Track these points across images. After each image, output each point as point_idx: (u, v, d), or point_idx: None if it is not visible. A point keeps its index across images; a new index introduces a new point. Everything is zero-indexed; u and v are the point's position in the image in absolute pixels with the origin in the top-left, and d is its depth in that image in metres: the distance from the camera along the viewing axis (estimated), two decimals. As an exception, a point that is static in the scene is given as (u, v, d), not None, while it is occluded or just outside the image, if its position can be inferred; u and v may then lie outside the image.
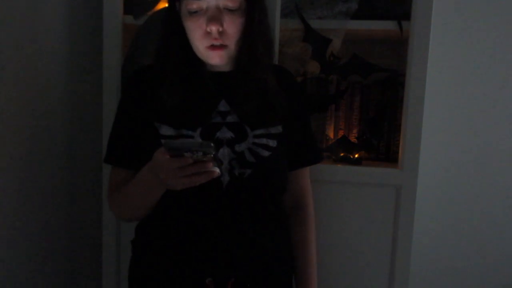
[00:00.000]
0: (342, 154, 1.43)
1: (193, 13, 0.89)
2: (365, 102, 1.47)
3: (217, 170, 0.78)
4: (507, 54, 1.64)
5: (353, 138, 1.47)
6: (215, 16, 0.88)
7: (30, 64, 1.22)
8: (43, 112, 1.28)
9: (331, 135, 1.47)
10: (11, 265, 1.19)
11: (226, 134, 0.94)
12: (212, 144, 0.73)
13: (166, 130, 0.93)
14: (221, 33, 0.89)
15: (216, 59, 0.91)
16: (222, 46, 0.90)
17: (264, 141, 0.96)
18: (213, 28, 0.87)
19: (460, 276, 1.75)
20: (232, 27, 0.89)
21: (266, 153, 0.95)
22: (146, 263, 0.98)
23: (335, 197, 1.33)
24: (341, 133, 1.47)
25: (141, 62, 1.37)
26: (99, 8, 1.37)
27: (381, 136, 1.46)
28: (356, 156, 1.42)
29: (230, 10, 0.89)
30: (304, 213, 1.08)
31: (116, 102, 1.35)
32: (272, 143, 0.96)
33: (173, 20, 0.94)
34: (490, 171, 1.69)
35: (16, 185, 1.19)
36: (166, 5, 1.37)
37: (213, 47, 0.90)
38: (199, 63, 0.95)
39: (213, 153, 0.74)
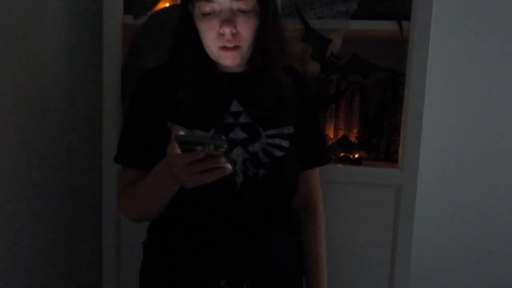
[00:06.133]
0: (342, 154, 1.43)
1: (206, 15, 0.89)
2: (365, 102, 1.47)
3: (229, 166, 0.76)
4: (507, 53, 1.64)
5: (353, 138, 1.47)
6: (229, 18, 0.87)
7: (30, 64, 1.22)
8: (43, 112, 1.28)
9: (331, 135, 1.47)
10: (11, 265, 1.18)
11: (239, 134, 0.94)
12: (223, 137, 0.71)
13: (178, 131, 0.92)
14: (234, 35, 0.88)
15: (228, 60, 0.91)
16: (235, 47, 0.90)
17: (277, 141, 0.95)
18: (227, 30, 0.87)
19: (460, 276, 1.75)
20: (246, 28, 0.89)
21: (279, 153, 0.95)
22: (159, 264, 0.97)
23: (335, 197, 1.33)
24: (341, 133, 1.47)
25: (141, 62, 1.37)
26: (99, 8, 1.38)
27: (381, 136, 1.47)
28: (356, 156, 1.42)
29: (244, 12, 0.88)
30: (314, 213, 1.07)
31: (116, 102, 1.37)
32: (285, 143, 0.96)
33: (186, 21, 0.93)
34: (490, 170, 1.69)
35: (16, 185, 1.19)
36: (167, 5, 1.38)
37: (226, 48, 0.89)
38: (212, 63, 0.95)
39: (225, 146, 0.72)
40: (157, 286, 0.98)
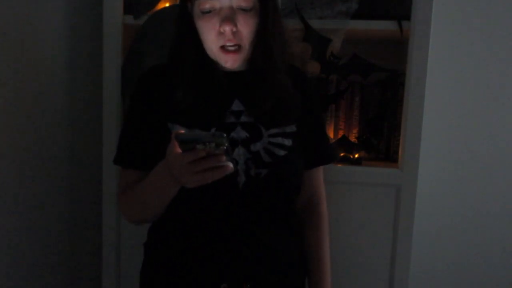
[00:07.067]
0: (342, 154, 1.43)
1: (206, 13, 0.88)
2: (365, 102, 1.47)
3: (231, 164, 0.75)
4: (507, 53, 1.64)
5: (353, 138, 1.47)
6: (229, 16, 0.86)
7: (30, 64, 1.22)
8: (43, 112, 1.28)
9: (331, 135, 1.47)
10: (11, 265, 1.18)
11: (240, 134, 0.93)
12: (224, 135, 0.70)
13: (178, 130, 0.92)
14: (234, 33, 0.87)
15: (229, 63, 0.90)
16: (236, 50, 0.89)
17: (279, 140, 0.94)
18: (227, 29, 0.86)
19: (460, 276, 1.75)
20: (246, 27, 0.88)
21: (282, 152, 0.93)
22: (160, 266, 0.97)
23: (335, 197, 1.33)
24: (341, 133, 1.47)
25: (141, 62, 1.37)
26: (99, 8, 1.38)
27: (381, 136, 1.47)
28: (356, 156, 1.42)
29: (244, 10, 0.87)
30: (318, 213, 1.06)
31: (116, 102, 1.37)
32: (288, 142, 0.95)
33: (185, 21, 0.93)
34: (490, 170, 1.69)
35: (17, 185, 1.19)
36: (167, 5, 1.38)
37: (227, 51, 0.89)
38: (212, 63, 0.94)
39: (226, 144, 0.71)
40: (157, 287, 0.98)
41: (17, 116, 1.17)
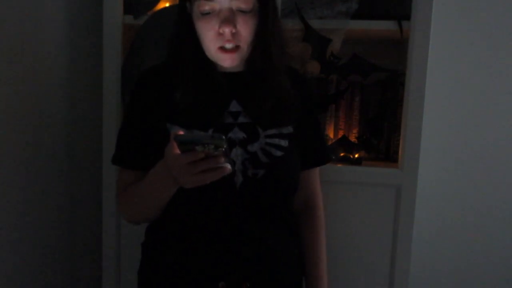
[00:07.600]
0: (342, 154, 1.43)
1: (205, 14, 0.88)
2: (365, 102, 1.47)
3: (229, 166, 0.76)
4: (507, 53, 1.64)
5: (353, 138, 1.47)
6: (228, 17, 0.87)
7: (30, 64, 1.22)
8: (43, 112, 1.28)
9: (331, 135, 1.47)
10: (11, 265, 1.18)
11: (238, 134, 0.93)
12: (223, 137, 0.71)
13: (177, 131, 0.92)
14: (234, 34, 0.88)
15: (227, 62, 0.90)
16: (234, 49, 0.89)
17: (276, 141, 0.95)
18: (226, 30, 0.87)
19: (460, 276, 1.75)
20: (245, 28, 0.88)
21: (278, 153, 0.94)
22: (158, 266, 0.97)
23: (335, 197, 1.33)
24: (341, 133, 1.47)
25: (141, 62, 1.37)
26: (99, 8, 1.38)
27: (381, 136, 1.47)
28: (356, 156, 1.42)
29: (243, 12, 0.88)
30: (314, 214, 1.07)
31: (116, 102, 1.37)
32: (284, 143, 0.96)
33: (184, 21, 0.93)
34: (490, 170, 1.69)
35: (16, 185, 1.19)
36: (167, 4, 1.38)
37: (225, 50, 0.89)
38: (211, 63, 0.95)
39: (225, 146, 0.72)
40: (155, 287, 0.98)
41: (17, 116, 1.17)
